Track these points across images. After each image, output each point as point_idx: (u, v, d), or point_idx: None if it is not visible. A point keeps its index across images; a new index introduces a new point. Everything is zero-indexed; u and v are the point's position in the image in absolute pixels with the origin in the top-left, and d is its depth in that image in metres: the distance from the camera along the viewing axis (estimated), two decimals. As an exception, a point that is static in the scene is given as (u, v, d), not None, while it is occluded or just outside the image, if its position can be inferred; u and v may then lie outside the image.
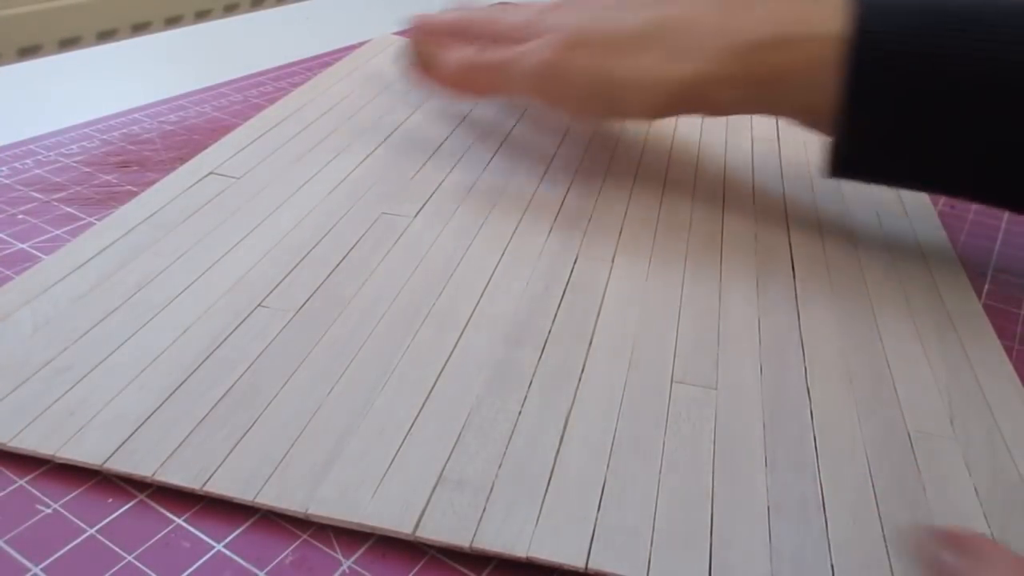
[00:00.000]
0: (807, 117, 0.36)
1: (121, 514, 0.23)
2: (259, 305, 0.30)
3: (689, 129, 0.48)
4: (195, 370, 0.27)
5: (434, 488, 0.24)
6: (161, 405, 0.26)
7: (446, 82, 0.42)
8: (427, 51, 0.42)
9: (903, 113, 0.33)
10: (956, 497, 0.25)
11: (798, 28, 0.34)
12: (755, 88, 0.35)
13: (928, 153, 0.34)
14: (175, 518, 0.23)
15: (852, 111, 0.33)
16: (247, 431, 0.25)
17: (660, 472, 0.25)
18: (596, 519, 0.23)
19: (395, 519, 0.23)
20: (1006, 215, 0.43)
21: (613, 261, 0.35)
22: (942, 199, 0.44)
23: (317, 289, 0.32)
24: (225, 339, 0.29)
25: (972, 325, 0.33)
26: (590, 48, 0.37)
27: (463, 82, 0.41)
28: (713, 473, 0.25)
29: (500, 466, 0.24)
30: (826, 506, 0.24)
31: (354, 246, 0.34)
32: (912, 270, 0.36)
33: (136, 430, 0.25)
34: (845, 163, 0.35)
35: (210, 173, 0.39)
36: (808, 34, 0.34)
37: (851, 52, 0.32)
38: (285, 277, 0.32)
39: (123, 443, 0.24)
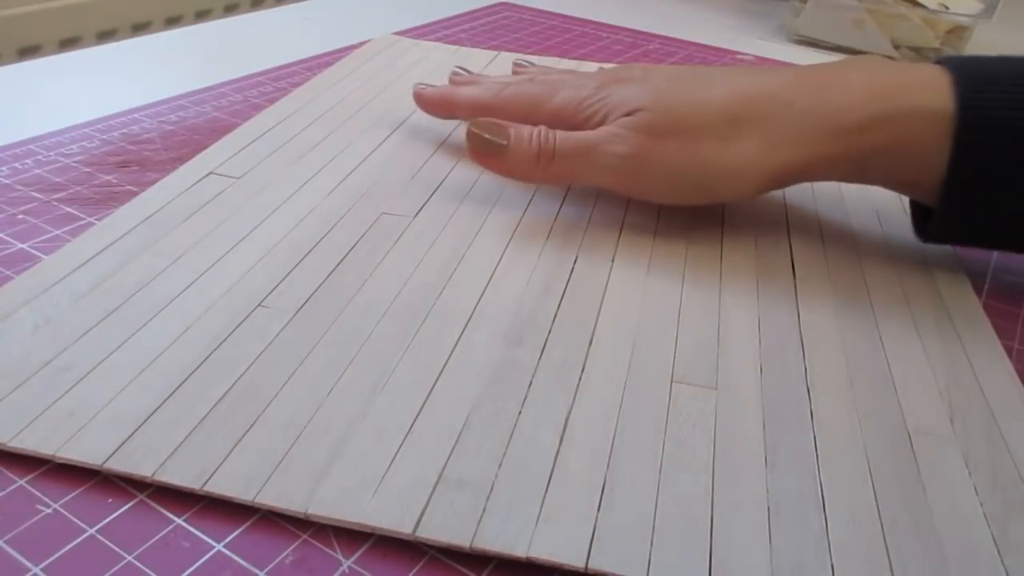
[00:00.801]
0: (906, 187, 0.36)
1: (121, 514, 0.23)
2: (259, 305, 0.30)
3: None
4: (195, 370, 0.27)
5: (434, 488, 0.24)
6: (161, 405, 0.26)
7: (516, 173, 0.37)
8: (490, 136, 0.37)
9: (1008, 182, 0.32)
10: (955, 497, 0.25)
11: (899, 104, 0.33)
12: (855, 164, 0.34)
13: None
14: (175, 518, 0.23)
15: (957, 183, 0.33)
16: (247, 431, 0.25)
17: (660, 472, 0.25)
18: (596, 519, 0.23)
19: (395, 519, 0.23)
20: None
21: (613, 261, 0.35)
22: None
23: (317, 289, 0.32)
24: (225, 339, 0.29)
25: (972, 325, 0.33)
26: (678, 137, 0.34)
27: (535, 173, 0.37)
28: (713, 473, 0.25)
29: (500, 466, 0.24)
30: (826, 506, 0.24)
31: (354, 246, 0.34)
32: (912, 270, 0.36)
33: (136, 430, 0.25)
34: (945, 229, 0.35)
35: (210, 173, 0.39)
36: (910, 110, 0.33)
37: (957, 128, 0.32)
38: (285, 277, 0.32)
39: (123, 443, 0.24)
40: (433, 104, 0.43)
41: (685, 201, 0.37)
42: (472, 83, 0.43)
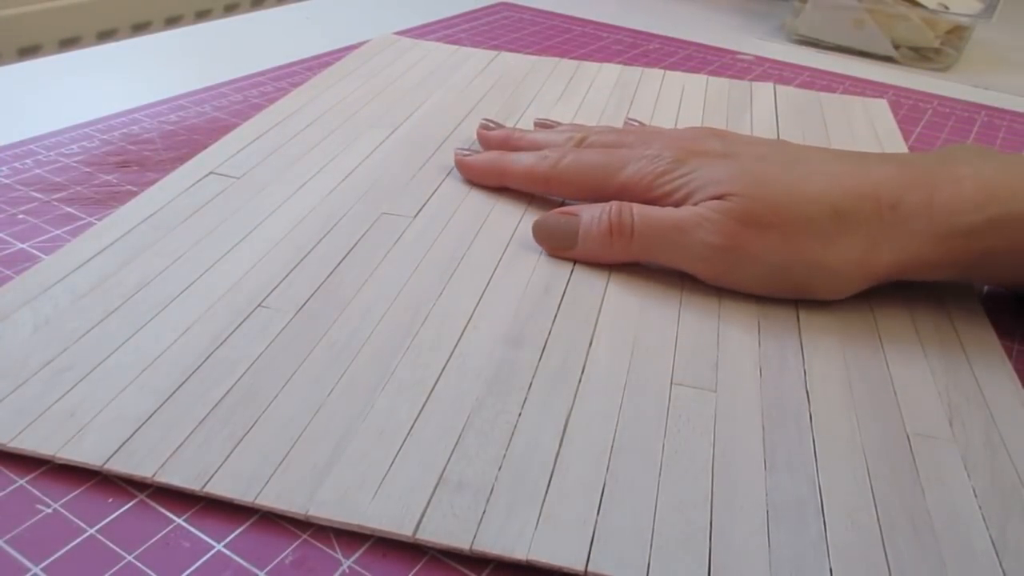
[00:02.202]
0: (1012, 284, 0.35)
1: (121, 514, 0.23)
2: (259, 305, 0.30)
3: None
4: (195, 370, 0.27)
5: (434, 490, 0.24)
6: (161, 406, 0.26)
7: (590, 257, 0.35)
8: (560, 230, 0.35)
9: None
10: (954, 500, 0.25)
11: (1013, 207, 0.31)
12: (962, 268, 0.32)
13: None
14: (175, 518, 0.23)
15: None
16: (247, 432, 0.25)
17: (659, 474, 0.25)
18: (596, 522, 0.23)
19: (395, 521, 0.23)
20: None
21: (613, 262, 0.35)
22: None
23: (317, 289, 0.32)
24: (225, 339, 0.29)
25: (972, 325, 0.33)
26: (776, 230, 0.32)
27: (611, 253, 0.34)
28: (712, 475, 0.25)
29: (500, 468, 0.24)
30: (825, 509, 0.24)
31: (354, 246, 0.34)
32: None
33: (136, 431, 0.25)
34: None
35: (210, 173, 0.39)
36: (1022, 213, 0.31)
37: None
38: (285, 277, 0.32)
39: (123, 444, 0.24)
40: (481, 174, 0.40)
41: (776, 295, 0.33)
42: (513, 142, 0.41)
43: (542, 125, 0.43)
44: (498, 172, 0.39)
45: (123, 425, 0.25)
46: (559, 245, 0.35)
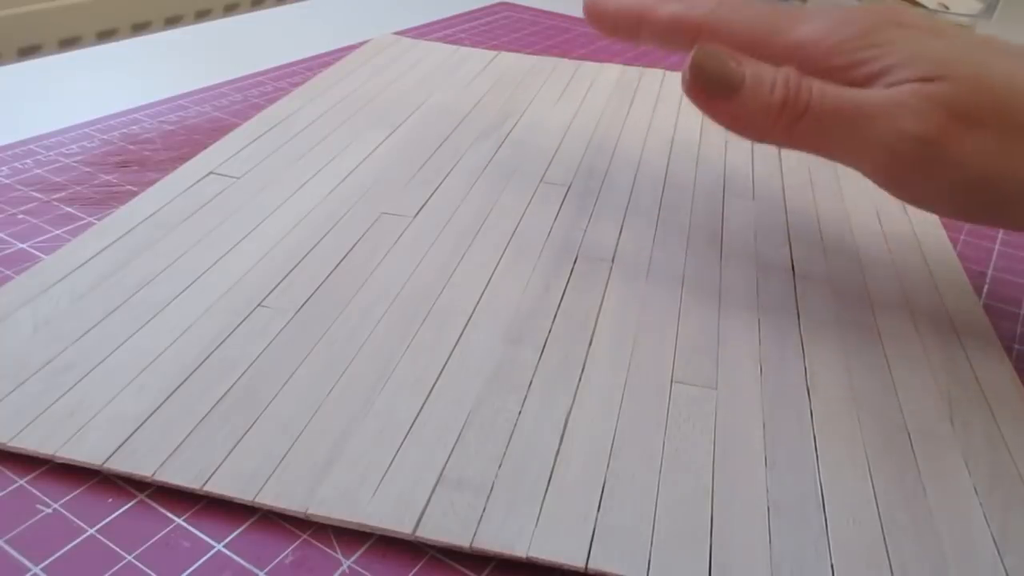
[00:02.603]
0: None
1: (121, 514, 0.23)
2: (259, 305, 0.30)
3: (689, 129, 0.48)
4: (195, 370, 0.27)
5: (434, 488, 0.24)
6: (161, 405, 0.26)
7: (748, 125, 0.28)
8: (721, 69, 0.28)
9: None
10: (955, 497, 0.25)
11: None
12: None
13: None
14: (175, 518, 0.23)
15: None
16: (247, 431, 0.25)
17: (660, 472, 0.25)
18: (596, 519, 0.23)
19: (395, 519, 0.23)
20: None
21: (613, 260, 0.35)
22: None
23: (317, 289, 0.32)
24: (225, 339, 0.29)
25: (972, 325, 0.33)
26: (991, 130, 0.25)
27: (774, 130, 0.28)
28: (713, 473, 0.25)
29: (500, 466, 0.24)
30: (826, 506, 0.24)
31: (354, 246, 0.34)
32: (912, 270, 0.36)
33: (136, 430, 0.25)
34: None
35: (210, 173, 0.39)
36: None
37: None
38: (285, 277, 0.32)
39: (123, 443, 0.24)
40: (614, 17, 0.32)
41: (965, 217, 0.28)
42: None
43: None
44: (637, 15, 0.32)
45: (123, 424, 0.25)
46: (715, 88, 0.28)
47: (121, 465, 0.23)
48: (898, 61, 0.26)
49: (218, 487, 0.23)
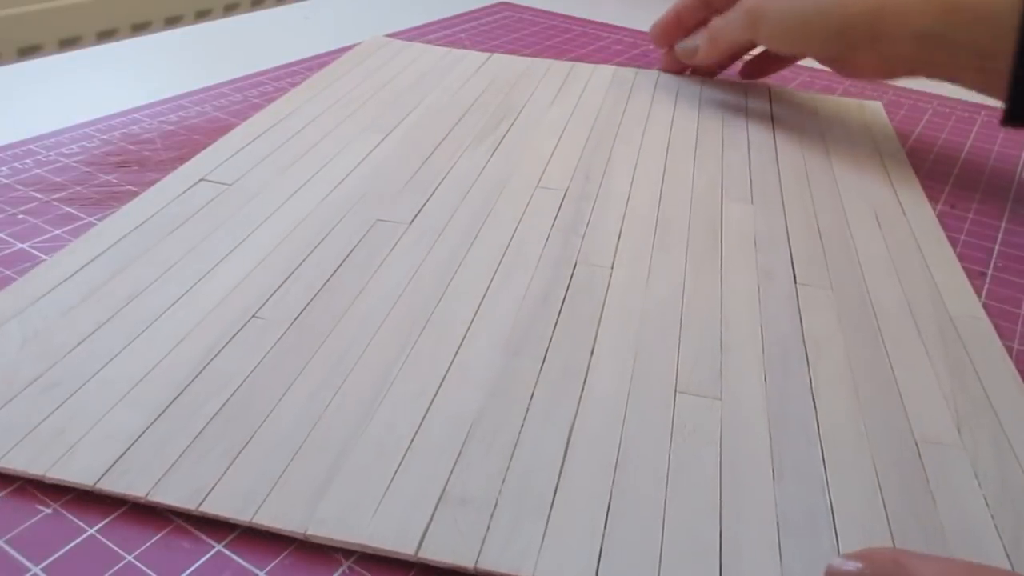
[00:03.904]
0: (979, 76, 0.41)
1: (121, 514, 0.23)
2: (253, 316, 0.30)
3: (686, 130, 0.48)
4: (188, 385, 0.26)
5: (436, 505, 0.23)
6: (154, 422, 0.25)
7: (707, 59, 0.54)
8: (688, 48, 0.54)
9: None
10: (965, 508, 0.25)
11: None
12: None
13: None
14: (175, 518, 0.23)
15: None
16: (243, 448, 0.24)
17: (666, 486, 0.24)
18: (603, 536, 0.23)
19: (397, 539, 0.22)
20: (1006, 214, 0.43)
21: (612, 268, 0.34)
22: (941, 198, 0.44)
23: (312, 299, 0.31)
24: (219, 352, 0.28)
25: (972, 326, 0.33)
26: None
27: (716, 54, 0.53)
28: (720, 486, 0.24)
29: (504, 481, 0.24)
30: (836, 519, 0.24)
31: (349, 254, 0.34)
32: (912, 273, 0.36)
33: (128, 448, 0.24)
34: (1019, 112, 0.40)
35: (201, 180, 0.39)
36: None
37: None
38: (279, 287, 0.32)
39: (115, 462, 0.23)
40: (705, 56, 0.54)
41: (809, 52, 0.48)
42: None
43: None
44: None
45: (114, 443, 0.24)
46: (687, 59, 0.54)
47: (113, 485, 0.23)
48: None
49: (214, 507, 0.22)
